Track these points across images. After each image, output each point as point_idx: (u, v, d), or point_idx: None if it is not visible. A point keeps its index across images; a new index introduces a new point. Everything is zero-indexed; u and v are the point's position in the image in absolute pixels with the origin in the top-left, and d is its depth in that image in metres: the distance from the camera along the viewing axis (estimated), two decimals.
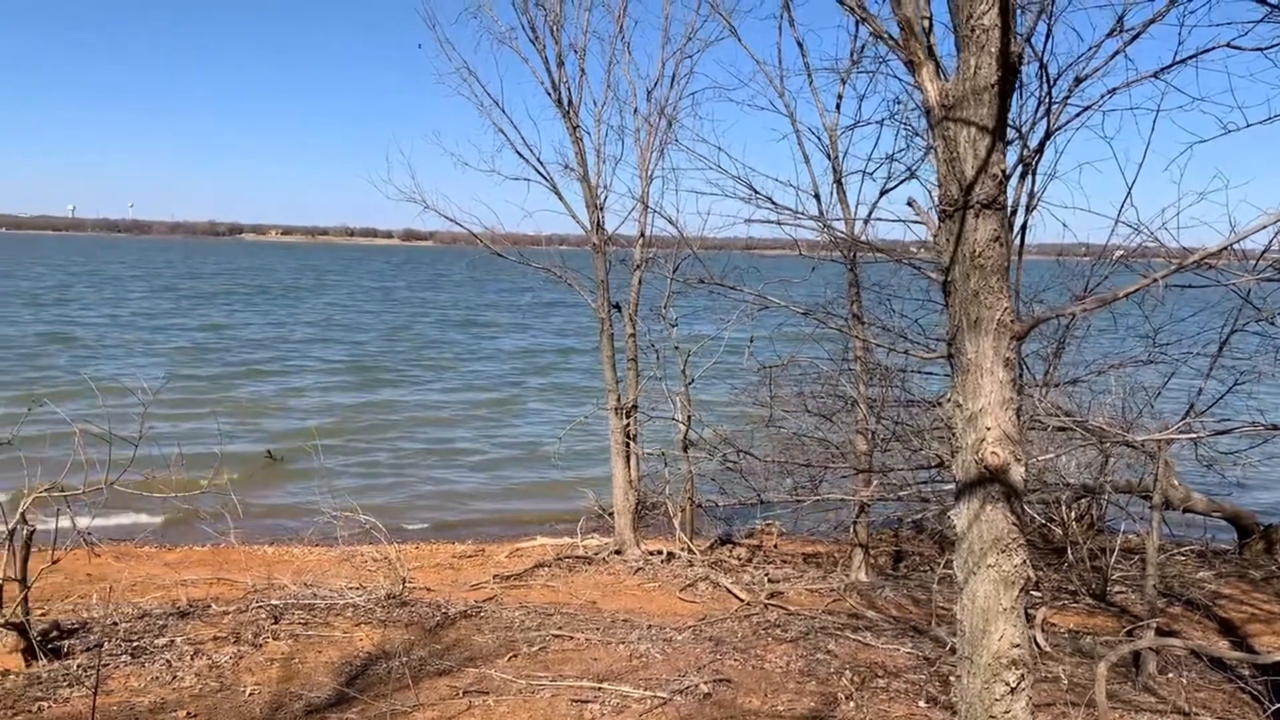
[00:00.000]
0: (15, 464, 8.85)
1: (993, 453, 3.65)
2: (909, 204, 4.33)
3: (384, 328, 54.12)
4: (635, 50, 13.82)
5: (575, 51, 13.28)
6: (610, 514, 14.58)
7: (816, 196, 12.11)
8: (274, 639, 9.43)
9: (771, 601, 11.61)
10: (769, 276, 11.80)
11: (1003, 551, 3.74)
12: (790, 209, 8.91)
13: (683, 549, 13.86)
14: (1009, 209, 5.54)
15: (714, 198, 16.16)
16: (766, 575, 12.95)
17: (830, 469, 12.96)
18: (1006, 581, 3.77)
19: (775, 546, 15.12)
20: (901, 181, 11.32)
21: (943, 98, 3.57)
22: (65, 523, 8.84)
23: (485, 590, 12.28)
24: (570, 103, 13.37)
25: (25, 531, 8.65)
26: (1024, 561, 3.78)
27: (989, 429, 3.68)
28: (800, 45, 11.97)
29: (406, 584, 11.48)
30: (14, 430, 8.63)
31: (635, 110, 13.66)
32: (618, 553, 13.84)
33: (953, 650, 9.19)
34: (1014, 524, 3.75)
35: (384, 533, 12.52)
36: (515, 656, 9.24)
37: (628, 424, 13.89)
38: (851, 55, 11.53)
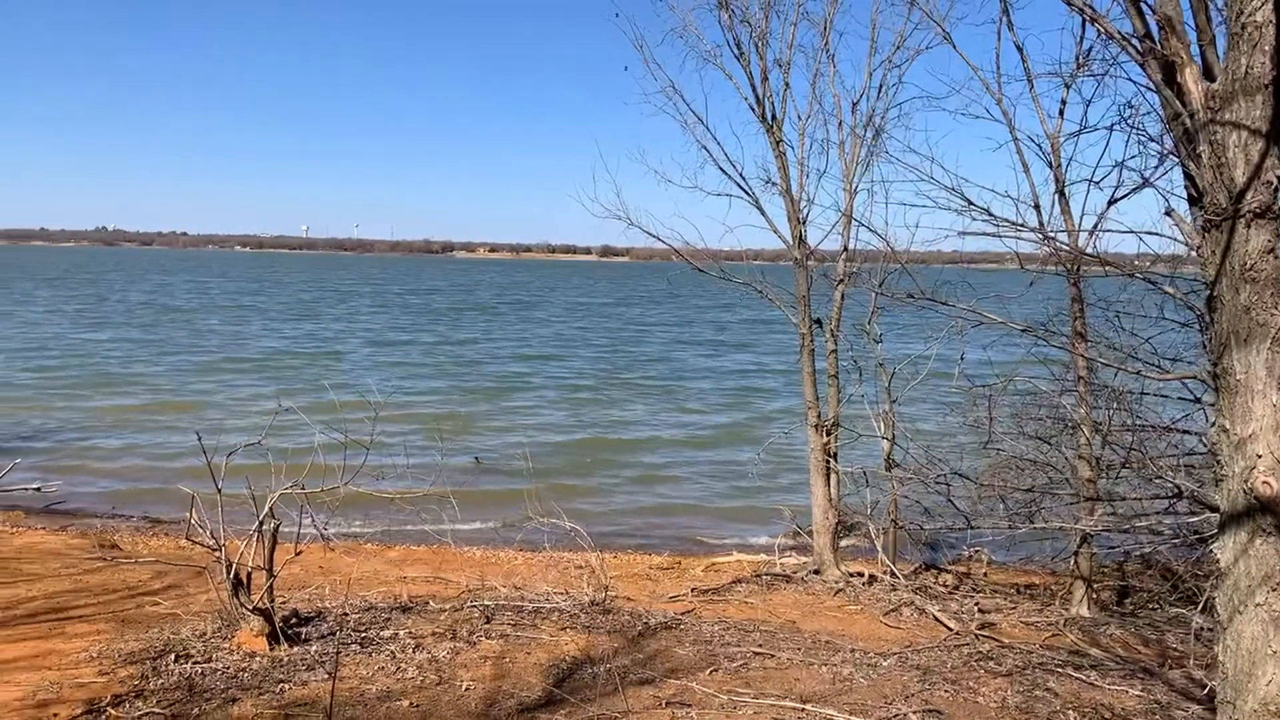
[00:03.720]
0: (264, 464, 9.70)
1: (1264, 482, 3.34)
2: (1167, 214, 4.04)
3: (596, 344, 56.07)
4: (840, 62, 13.62)
5: (779, 66, 13.28)
6: (808, 533, 14.36)
7: (1037, 207, 11.55)
8: (486, 638, 9.86)
9: (982, 632, 11.07)
10: (982, 291, 11.29)
11: (1274, 590, 3.41)
12: (1009, 220, 8.57)
13: (885, 572, 13.46)
14: None
15: (923, 210, 15.71)
16: (976, 604, 12.38)
17: (1050, 495, 12.20)
18: (1278, 623, 3.43)
19: (984, 575, 14.45)
20: (1133, 190, 10.59)
21: (1208, 99, 3.31)
22: (305, 518, 9.64)
23: (683, 603, 12.37)
24: (774, 117, 13.36)
25: (271, 526, 9.48)
26: None
27: (1260, 456, 3.37)
28: (1020, 49, 11.49)
29: (608, 592, 11.73)
30: (263, 433, 9.47)
31: (840, 123, 13.50)
32: (816, 572, 13.61)
33: (1191, 696, 8.46)
34: None
35: (587, 540, 12.85)
36: (716, 671, 9.23)
37: (828, 442, 13.65)
38: (1077, 59, 10.94)
